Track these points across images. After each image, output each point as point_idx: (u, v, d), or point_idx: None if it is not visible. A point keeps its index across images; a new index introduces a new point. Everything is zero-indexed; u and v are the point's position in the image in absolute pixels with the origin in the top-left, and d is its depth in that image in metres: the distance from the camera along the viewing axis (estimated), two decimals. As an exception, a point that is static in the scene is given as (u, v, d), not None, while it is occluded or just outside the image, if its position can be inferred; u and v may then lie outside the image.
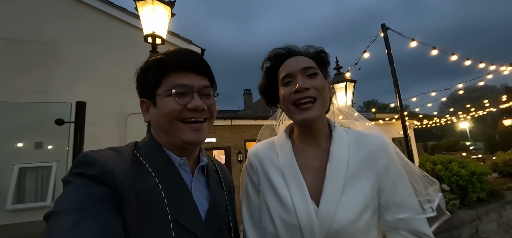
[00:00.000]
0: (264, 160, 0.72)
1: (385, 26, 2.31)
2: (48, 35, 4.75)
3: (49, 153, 4.22)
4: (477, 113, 9.31)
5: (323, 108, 0.67)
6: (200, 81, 0.56)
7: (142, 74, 0.58)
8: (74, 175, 0.45)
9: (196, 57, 0.56)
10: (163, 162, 0.54)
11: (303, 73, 0.66)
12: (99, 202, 0.41)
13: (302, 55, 0.70)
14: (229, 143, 6.34)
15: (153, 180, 0.50)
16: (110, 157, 0.48)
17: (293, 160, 0.67)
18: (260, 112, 22.74)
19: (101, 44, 4.92)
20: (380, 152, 0.65)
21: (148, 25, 1.59)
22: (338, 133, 0.68)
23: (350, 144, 0.66)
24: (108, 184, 0.44)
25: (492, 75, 4.00)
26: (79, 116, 1.40)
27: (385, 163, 0.64)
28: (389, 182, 0.63)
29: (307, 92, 0.64)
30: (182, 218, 0.50)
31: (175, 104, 0.53)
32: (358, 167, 0.63)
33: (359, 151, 0.65)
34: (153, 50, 1.62)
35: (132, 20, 5.30)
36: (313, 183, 0.63)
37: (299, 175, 0.64)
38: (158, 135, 0.58)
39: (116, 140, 4.43)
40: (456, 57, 2.95)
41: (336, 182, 0.60)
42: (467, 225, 2.49)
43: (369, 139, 0.67)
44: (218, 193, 0.63)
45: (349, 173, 0.61)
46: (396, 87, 2.25)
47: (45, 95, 4.44)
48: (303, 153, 0.69)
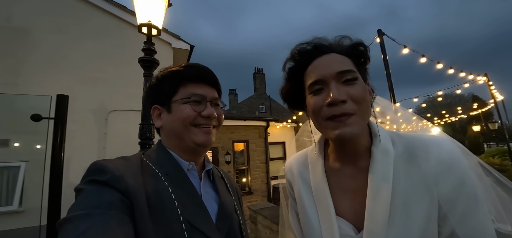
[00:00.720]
0: (298, 178, 0.66)
1: (381, 32, 2.36)
2: (19, 21, 4.31)
3: (16, 151, 3.81)
4: (450, 119, 10.02)
5: (364, 122, 0.53)
6: (212, 93, 0.63)
7: (159, 83, 0.62)
8: (87, 182, 0.46)
9: (210, 71, 0.63)
10: (172, 167, 0.57)
11: (338, 79, 0.51)
12: (110, 207, 0.42)
13: (335, 52, 0.55)
14: (217, 144, 6.19)
15: (163, 184, 0.52)
16: (120, 164, 0.50)
17: (324, 181, 0.59)
18: (246, 112, 22.72)
19: (79, 34, 4.54)
20: (445, 170, 0.48)
21: (143, 13, 1.45)
22: (380, 147, 0.53)
23: (398, 161, 0.51)
24: (119, 188, 0.46)
25: (468, 84, 4.29)
26: (60, 112, 1.24)
27: (452, 185, 0.47)
28: (457, 211, 0.47)
29: (343, 106, 0.50)
30: (194, 220, 0.51)
31: (191, 110, 0.58)
32: (411, 193, 0.49)
33: (412, 170, 0.50)
34: (148, 41, 1.47)
35: (115, 10, 4.97)
36: (350, 207, 0.55)
37: (328, 200, 0.56)
38: (169, 140, 0.61)
39: (95, 139, 4.12)
40: (441, 66, 3.12)
41: (378, 216, 0.48)
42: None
43: (428, 150, 0.50)
44: (226, 196, 0.65)
45: (396, 202, 0.48)
46: (391, 91, 2.30)
47: (15, 87, 4.01)
48: (338, 173, 0.59)
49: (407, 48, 2.68)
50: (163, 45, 5.01)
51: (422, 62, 3.03)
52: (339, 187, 0.57)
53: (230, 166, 6.26)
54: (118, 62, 4.41)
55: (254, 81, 24.86)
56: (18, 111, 3.87)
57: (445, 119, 10.15)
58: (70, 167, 3.41)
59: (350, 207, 0.55)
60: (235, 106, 24.83)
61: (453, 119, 9.98)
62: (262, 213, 3.38)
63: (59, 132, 1.22)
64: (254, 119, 7.01)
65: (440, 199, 0.48)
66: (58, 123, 1.22)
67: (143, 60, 1.45)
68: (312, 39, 0.58)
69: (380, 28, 2.27)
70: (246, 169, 6.63)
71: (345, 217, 0.55)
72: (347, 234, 0.52)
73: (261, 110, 23.99)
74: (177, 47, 5.51)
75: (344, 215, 0.55)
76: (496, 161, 3.98)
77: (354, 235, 0.52)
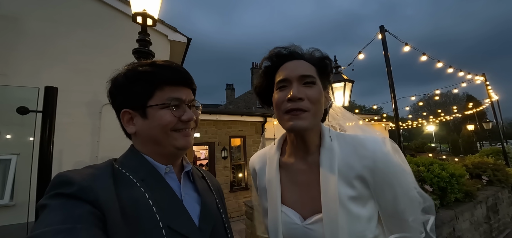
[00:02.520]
0: (259, 173, 0.77)
1: (383, 28, 2.32)
2: (7, 7, 4.13)
3: (7, 144, 3.69)
4: (445, 117, 10.12)
5: (315, 120, 0.63)
6: (189, 94, 0.60)
7: (129, 84, 0.56)
8: (51, 197, 0.42)
9: (186, 72, 0.60)
10: (148, 172, 0.54)
11: (300, 80, 0.62)
12: (78, 221, 0.39)
13: (304, 59, 0.66)
14: (214, 139, 6.12)
15: (138, 190, 0.50)
16: (88, 173, 0.47)
17: (277, 174, 0.69)
18: (243, 107, 22.61)
19: (71, 23, 4.39)
20: (376, 160, 0.59)
21: (138, 1, 1.37)
22: (327, 146, 0.63)
23: (340, 157, 0.62)
24: (88, 200, 0.42)
25: (465, 84, 4.31)
26: (48, 104, 1.17)
27: (382, 175, 0.59)
28: (388, 197, 0.61)
29: (300, 102, 0.60)
30: (175, 224, 0.50)
31: (171, 116, 0.55)
32: (351, 179, 0.60)
33: (350, 163, 0.61)
34: (143, 31, 1.40)
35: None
36: (299, 198, 0.65)
37: (277, 191, 0.67)
38: (145, 146, 0.57)
39: (88, 132, 4.02)
40: (441, 64, 3.10)
41: (331, 201, 0.58)
42: (446, 224, 2.63)
43: (363, 146, 0.62)
44: (207, 196, 0.63)
45: (342, 192, 0.58)
46: (392, 89, 2.27)
47: (4, 78, 3.87)
48: (291, 167, 0.68)
49: (408, 45, 2.65)
50: (159, 37, 4.88)
51: (422, 60, 3.01)
52: (290, 180, 0.67)
53: (226, 161, 6.22)
54: (112, 54, 4.28)
55: (251, 76, 24.70)
56: (8, 103, 3.75)
57: (440, 117, 10.27)
58: (62, 160, 3.32)
59: (299, 198, 0.65)
60: (232, 101, 24.68)
61: (448, 117, 10.10)
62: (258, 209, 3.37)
63: (47, 126, 1.15)
64: (251, 115, 6.95)
65: (374, 184, 0.60)
66: (47, 116, 1.16)
67: (138, 52, 1.38)
68: (288, 45, 0.68)
69: (382, 25, 2.22)
70: (243, 165, 6.60)
71: (292, 207, 0.64)
72: (293, 221, 0.62)
73: (258, 105, 23.91)
74: (174, 40, 5.37)
75: (292, 205, 0.65)
76: (490, 160, 4.01)
77: (299, 222, 0.62)
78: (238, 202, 6.16)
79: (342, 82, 2.36)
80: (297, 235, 0.62)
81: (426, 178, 2.82)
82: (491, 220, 3.30)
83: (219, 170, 6.10)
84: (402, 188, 0.61)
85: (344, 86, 2.37)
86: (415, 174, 2.91)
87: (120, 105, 0.57)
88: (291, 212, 0.64)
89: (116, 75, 0.58)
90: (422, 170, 2.92)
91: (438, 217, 2.55)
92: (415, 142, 21.72)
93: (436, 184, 2.77)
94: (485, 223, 3.22)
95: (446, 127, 25.89)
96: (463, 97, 25.22)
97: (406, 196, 0.61)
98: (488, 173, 3.76)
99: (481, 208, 3.21)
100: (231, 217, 6.00)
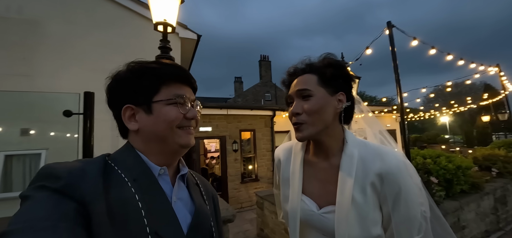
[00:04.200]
0: (283, 163, 0.85)
1: (391, 24, 2.36)
2: (30, 12, 4.40)
3: (37, 140, 4.03)
4: (459, 108, 9.85)
5: (316, 128, 0.69)
6: (192, 94, 0.61)
7: (135, 78, 0.55)
8: (35, 189, 0.40)
9: (187, 71, 0.61)
10: (141, 172, 0.52)
11: (298, 95, 0.70)
12: (60, 219, 0.37)
13: (307, 73, 0.72)
14: (225, 133, 6.33)
15: (129, 190, 0.48)
16: (77, 168, 0.45)
17: (301, 168, 0.77)
18: (251, 100, 22.72)
19: (88, 25, 4.63)
20: (388, 174, 0.65)
21: (159, 12, 1.52)
22: (348, 152, 0.70)
23: (359, 164, 0.68)
24: (74, 197, 0.40)
25: (479, 75, 4.23)
26: (87, 107, 1.36)
27: (391, 190, 0.65)
28: (388, 207, 0.66)
29: (298, 117, 0.69)
30: (162, 230, 0.48)
31: (178, 112, 0.55)
32: (365, 185, 0.66)
33: (367, 170, 0.67)
34: (163, 39, 1.56)
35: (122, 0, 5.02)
36: (317, 190, 0.73)
37: (299, 181, 0.75)
38: (147, 144, 0.55)
39: (108, 127, 4.28)
40: (451, 57, 3.08)
41: (345, 199, 0.65)
42: (450, 214, 2.71)
43: (381, 159, 0.67)
44: (201, 205, 0.61)
45: (356, 194, 0.65)
46: (397, 84, 2.34)
47: (28, 78, 4.17)
48: (313, 165, 0.76)
49: (416, 40, 2.67)
50: (170, 34, 5.06)
51: (431, 53, 3.01)
52: (311, 175, 0.76)
53: (237, 154, 6.43)
54: (126, 52, 4.50)
55: (259, 69, 24.63)
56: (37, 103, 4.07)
57: (453, 109, 9.99)
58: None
59: (317, 190, 0.73)
60: (240, 94, 24.78)
61: (462, 109, 9.82)
62: (268, 199, 3.54)
63: (87, 125, 1.35)
64: (261, 109, 7.09)
65: (381, 191, 0.66)
66: (86, 117, 1.35)
67: (160, 58, 1.54)
68: (302, 60, 0.76)
69: (389, 20, 2.26)
70: (253, 157, 6.80)
71: (311, 197, 0.73)
72: (310, 209, 0.71)
73: (266, 98, 23.93)
74: (185, 37, 5.54)
75: (311, 195, 0.73)
76: (501, 152, 3.98)
77: (315, 210, 0.70)
78: (249, 193, 6.40)
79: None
80: (312, 221, 0.71)
81: (433, 170, 2.89)
82: (498, 211, 3.33)
83: (230, 162, 6.33)
84: (405, 205, 0.65)
85: (350, 82, 2.43)
86: (421, 166, 2.99)
87: (121, 101, 0.55)
88: (310, 201, 0.72)
89: (118, 70, 0.56)
90: (429, 162, 2.99)
91: (442, 208, 2.63)
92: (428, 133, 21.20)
93: (442, 176, 2.84)
94: (492, 214, 3.26)
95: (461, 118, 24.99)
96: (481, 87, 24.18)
97: (406, 215, 0.65)
98: (498, 165, 3.75)
99: (489, 199, 3.24)
100: (243, 207, 6.25)
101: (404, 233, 0.65)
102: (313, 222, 0.71)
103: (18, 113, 4.04)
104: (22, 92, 4.04)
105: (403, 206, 0.65)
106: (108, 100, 0.57)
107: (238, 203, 6.23)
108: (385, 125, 10.19)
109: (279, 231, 3.21)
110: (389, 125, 10.24)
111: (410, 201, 0.65)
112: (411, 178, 0.69)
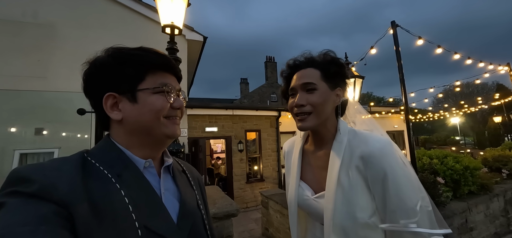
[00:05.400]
0: (287, 155, 0.92)
1: (395, 23, 2.36)
2: (45, 17, 4.60)
3: (50, 139, 4.21)
4: (469, 109, 9.60)
5: (319, 119, 0.74)
6: (177, 83, 0.59)
7: (117, 65, 0.52)
8: (7, 194, 0.38)
9: (174, 62, 0.59)
10: (125, 167, 0.50)
11: (303, 88, 0.74)
12: (40, 222, 0.35)
13: (309, 67, 0.76)
14: (230, 133, 6.39)
15: (113, 186, 0.46)
16: (52, 168, 0.42)
17: (299, 157, 0.84)
18: (257, 101, 22.79)
19: (99, 28, 4.81)
20: (373, 156, 0.66)
21: (166, 15, 1.59)
22: (338, 138, 0.74)
23: (346, 148, 0.72)
24: (52, 199, 0.38)
25: (489, 74, 4.14)
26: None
27: (376, 174, 0.66)
28: (379, 192, 0.66)
29: (302, 108, 0.73)
30: (152, 223, 0.47)
31: (165, 101, 0.53)
32: (352, 167, 0.69)
33: (353, 154, 0.70)
34: (171, 41, 1.63)
35: (130, 3, 5.18)
36: (314, 177, 0.79)
37: (298, 169, 0.82)
38: (130, 136, 0.53)
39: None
40: (458, 56, 3.04)
41: (332, 180, 0.70)
42: (458, 215, 2.67)
43: (365, 142, 0.70)
44: (187, 192, 0.61)
45: (342, 171, 0.69)
46: (402, 84, 2.34)
47: (44, 80, 4.36)
48: (311, 154, 0.82)
49: (421, 39, 2.66)
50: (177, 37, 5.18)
51: (437, 53, 2.98)
52: (308, 163, 0.82)
53: (243, 154, 6.49)
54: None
55: (265, 70, 24.69)
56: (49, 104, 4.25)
57: (464, 109, 9.75)
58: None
59: (314, 176, 0.79)
60: (246, 95, 24.91)
61: (473, 109, 9.57)
62: (273, 199, 3.57)
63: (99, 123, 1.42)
64: (266, 109, 7.12)
65: (366, 175, 0.68)
66: (99, 116, 1.42)
67: (168, 59, 1.61)
68: (301, 54, 0.80)
69: (393, 20, 2.26)
70: (258, 157, 6.83)
71: (308, 183, 0.79)
72: (306, 194, 0.77)
73: (272, 99, 23.96)
74: (191, 39, 5.67)
75: (308, 182, 0.80)
76: (511, 153, 3.88)
77: (310, 195, 0.76)
78: (254, 193, 6.43)
79: (352, 78, 2.46)
80: (308, 205, 0.76)
81: (439, 170, 2.85)
82: (509, 214, 3.25)
83: (235, 162, 6.39)
84: (396, 191, 0.63)
85: (355, 82, 2.47)
86: (428, 167, 2.96)
87: (102, 88, 0.51)
88: (306, 186, 0.78)
89: (97, 56, 0.54)
90: (435, 162, 2.95)
91: (449, 208, 2.60)
92: (437, 135, 20.71)
93: (449, 176, 2.80)
94: (502, 216, 3.18)
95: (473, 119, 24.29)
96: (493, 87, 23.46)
97: (399, 204, 0.63)
98: (509, 166, 3.66)
99: (498, 201, 3.17)
100: (248, 206, 6.29)
101: (400, 216, 0.62)
102: (309, 208, 0.76)
103: (33, 113, 4.22)
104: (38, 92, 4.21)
105: (393, 192, 0.63)
106: (85, 88, 0.54)
107: (244, 202, 6.27)
108: (392, 126, 10.04)
109: (284, 230, 3.24)
110: (396, 126, 10.08)
111: (401, 187, 0.64)
112: (404, 166, 0.68)
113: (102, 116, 0.53)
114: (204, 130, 6.07)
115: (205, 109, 6.16)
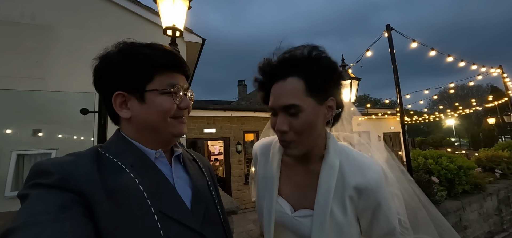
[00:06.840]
0: (261, 160, 0.80)
1: (390, 27, 2.43)
2: (43, 18, 4.59)
3: (47, 140, 4.18)
4: (464, 111, 9.76)
5: (307, 146, 0.63)
6: (185, 82, 0.59)
7: (127, 63, 0.52)
8: (31, 187, 0.41)
9: (183, 60, 0.59)
10: (137, 157, 0.52)
11: (284, 110, 0.60)
12: (60, 210, 0.38)
13: (290, 75, 0.59)
14: (228, 134, 6.43)
15: (128, 176, 0.48)
16: (69, 162, 0.45)
17: (278, 170, 0.72)
18: (254, 103, 22.81)
19: (97, 29, 4.81)
20: (365, 188, 0.63)
21: (168, 17, 1.63)
22: (328, 161, 0.65)
23: (338, 177, 0.64)
24: (70, 188, 0.41)
25: (482, 77, 4.24)
26: (102, 106, 1.46)
27: (369, 204, 0.64)
28: (369, 217, 0.65)
29: (284, 135, 0.60)
30: (167, 208, 0.49)
31: (172, 102, 0.54)
32: (343, 194, 0.64)
33: (344, 181, 0.64)
34: (172, 43, 1.66)
35: (129, 5, 5.19)
36: (294, 193, 0.70)
37: (275, 184, 0.71)
38: (139, 133, 0.55)
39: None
40: (451, 59, 3.12)
41: (323, 204, 0.62)
42: (452, 214, 2.73)
43: (361, 173, 0.64)
44: (198, 179, 0.62)
45: (334, 208, 0.63)
46: (397, 86, 2.39)
47: (42, 81, 4.34)
48: (291, 168, 0.72)
49: (415, 42, 2.73)
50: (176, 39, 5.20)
51: (431, 55, 3.06)
52: (288, 177, 0.72)
53: (241, 155, 6.51)
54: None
55: (263, 72, 24.69)
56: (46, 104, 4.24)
57: (458, 111, 9.90)
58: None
59: (293, 193, 0.70)
60: (244, 97, 24.88)
61: (467, 111, 9.73)
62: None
63: (102, 123, 1.44)
64: (264, 111, 7.09)
65: (358, 204, 0.64)
66: (101, 116, 1.44)
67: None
68: (278, 48, 0.63)
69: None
70: (255, 159, 6.87)
71: (286, 198, 0.70)
72: (284, 211, 0.68)
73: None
74: (190, 41, 5.69)
75: (286, 197, 0.70)
76: (505, 154, 3.98)
77: (289, 213, 0.68)
78: (251, 194, 6.46)
79: (348, 80, 2.51)
80: (286, 223, 0.68)
81: (434, 170, 2.92)
82: (502, 212, 3.33)
83: (234, 163, 6.41)
84: (385, 219, 0.64)
85: (351, 84, 2.52)
86: (423, 167, 3.02)
87: (112, 86, 0.53)
88: (284, 202, 0.69)
89: (107, 52, 0.54)
90: (430, 162, 3.02)
91: (444, 207, 2.66)
92: (433, 136, 20.95)
93: (443, 176, 2.87)
94: (496, 215, 3.25)
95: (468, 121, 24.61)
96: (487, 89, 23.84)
97: (387, 228, 0.64)
98: (502, 166, 3.75)
99: (492, 200, 3.25)
100: (246, 207, 6.31)
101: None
102: (286, 224, 0.68)
103: (30, 114, 4.20)
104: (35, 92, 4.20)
105: (383, 220, 0.64)
106: (95, 82, 0.55)
107: (242, 203, 6.29)
108: (389, 128, 10.14)
109: (282, 230, 3.26)
110: (393, 128, 10.19)
111: (390, 215, 0.65)
112: (389, 189, 0.69)
113: (111, 111, 0.56)
114: (203, 132, 6.09)
115: (203, 110, 6.20)
